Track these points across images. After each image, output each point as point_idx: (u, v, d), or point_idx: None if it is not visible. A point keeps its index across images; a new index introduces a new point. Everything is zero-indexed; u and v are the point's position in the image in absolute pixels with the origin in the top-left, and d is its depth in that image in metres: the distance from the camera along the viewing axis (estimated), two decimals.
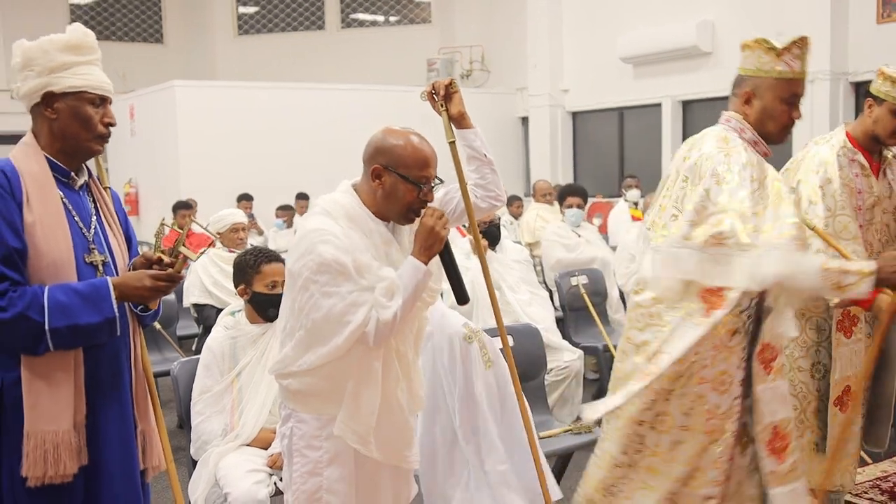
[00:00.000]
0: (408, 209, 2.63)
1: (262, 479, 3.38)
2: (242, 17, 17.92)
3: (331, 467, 2.65)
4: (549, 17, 13.46)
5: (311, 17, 17.58)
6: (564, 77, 13.59)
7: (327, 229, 2.52)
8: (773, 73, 2.89)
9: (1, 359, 2.29)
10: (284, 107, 12.17)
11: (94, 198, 2.52)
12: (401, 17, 17.35)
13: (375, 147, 2.64)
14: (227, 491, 3.31)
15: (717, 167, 2.82)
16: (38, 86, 2.36)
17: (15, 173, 2.31)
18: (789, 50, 2.88)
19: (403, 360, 2.71)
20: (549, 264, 7.06)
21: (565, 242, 7.03)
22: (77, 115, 2.38)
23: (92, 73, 2.40)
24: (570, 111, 13.65)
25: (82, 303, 2.26)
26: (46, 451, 2.25)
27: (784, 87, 2.90)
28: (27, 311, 2.19)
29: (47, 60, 2.36)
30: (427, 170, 2.63)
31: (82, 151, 2.44)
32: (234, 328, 3.71)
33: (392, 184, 2.60)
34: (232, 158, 11.96)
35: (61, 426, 2.27)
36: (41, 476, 2.25)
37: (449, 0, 16.47)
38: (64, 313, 2.22)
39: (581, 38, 13.22)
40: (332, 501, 2.65)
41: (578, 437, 4.01)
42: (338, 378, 2.62)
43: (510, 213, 10.61)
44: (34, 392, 2.26)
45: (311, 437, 2.67)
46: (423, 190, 2.61)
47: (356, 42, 16.96)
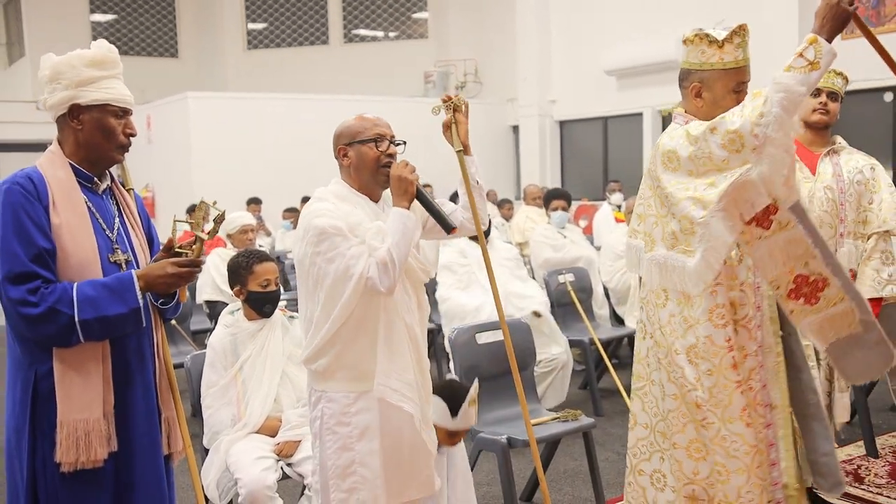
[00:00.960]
0: (376, 166, 2.74)
1: (271, 466, 3.39)
2: (252, 32, 17.89)
3: (361, 441, 2.67)
4: (538, 33, 13.48)
5: (316, 33, 17.56)
6: (552, 88, 13.60)
7: (319, 207, 2.66)
8: (718, 65, 2.82)
9: (34, 352, 2.29)
10: (290, 116, 12.18)
11: (116, 201, 2.52)
12: (399, 33, 17.34)
13: (335, 137, 2.80)
14: (238, 476, 3.32)
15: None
16: (65, 98, 2.36)
17: (42, 179, 2.32)
18: (730, 40, 2.81)
19: (412, 332, 2.72)
20: (538, 263, 7.09)
21: (552, 243, 7.06)
22: (101, 126, 2.39)
23: (115, 86, 2.41)
24: (557, 120, 13.66)
25: (109, 295, 2.26)
26: (78, 438, 2.25)
27: (731, 76, 2.83)
28: (57, 304, 2.20)
29: (74, 74, 2.36)
30: (377, 127, 2.76)
31: (105, 160, 2.45)
32: (234, 325, 3.71)
33: (356, 153, 2.73)
34: (241, 164, 11.97)
35: (92, 414, 2.28)
36: (74, 462, 2.25)
37: (444, 17, 16.47)
38: (92, 305, 2.23)
39: (568, 53, 13.24)
40: (364, 473, 2.67)
41: (566, 425, 4.01)
42: (360, 344, 2.65)
43: (501, 214, 10.63)
44: (66, 383, 2.26)
45: (340, 415, 2.68)
46: (380, 144, 2.73)
47: (358, 56, 16.95)
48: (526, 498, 4.29)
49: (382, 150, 2.73)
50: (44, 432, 2.28)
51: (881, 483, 4.28)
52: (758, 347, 2.81)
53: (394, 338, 2.66)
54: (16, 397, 2.32)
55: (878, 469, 4.48)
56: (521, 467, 4.55)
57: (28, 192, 2.27)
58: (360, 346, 2.66)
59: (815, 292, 2.74)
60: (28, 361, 2.31)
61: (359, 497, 2.67)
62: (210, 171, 11.89)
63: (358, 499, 2.68)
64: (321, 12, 17.48)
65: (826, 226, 3.76)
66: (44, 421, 2.28)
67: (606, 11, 12.48)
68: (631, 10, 12.00)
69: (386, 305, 2.65)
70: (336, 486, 2.68)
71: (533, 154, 13.68)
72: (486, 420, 4.06)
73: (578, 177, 13.40)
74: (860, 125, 9.72)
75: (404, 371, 2.66)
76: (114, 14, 17.91)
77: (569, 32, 13.18)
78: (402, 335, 2.67)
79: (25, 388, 2.30)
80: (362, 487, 2.67)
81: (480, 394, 4.12)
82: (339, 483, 2.68)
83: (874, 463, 4.57)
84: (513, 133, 14.69)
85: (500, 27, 14.75)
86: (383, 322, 2.65)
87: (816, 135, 3.82)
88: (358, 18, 17.39)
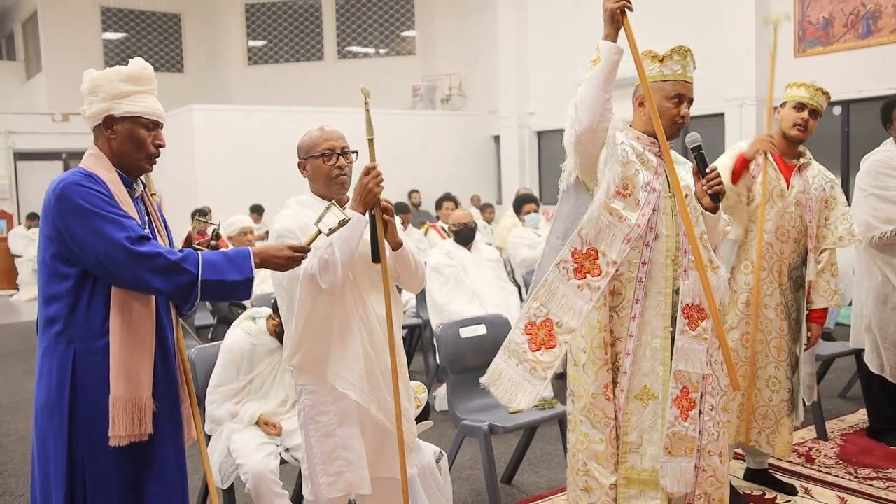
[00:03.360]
0: (329, 179, 2.74)
1: (272, 451, 3.38)
2: (252, 49, 17.83)
3: (342, 427, 2.68)
4: (518, 51, 13.49)
5: (312, 50, 17.52)
6: (531, 101, 13.60)
7: (281, 214, 2.74)
8: (658, 77, 2.89)
9: (79, 330, 2.28)
10: (289, 127, 11.95)
11: (146, 206, 2.52)
12: (389, 50, 17.31)
13: (297, 150, 2.82)
14: (241, 463, 3.30)
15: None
16: (101, 109, 2.36)
17: (99, 177, 2.31)
18: (670, 57, 2.89)
19: (370, 326, 2.71)
20: (517, 263, 7.10)
21: (528, 243, 7.08)
22: (132, 137, 2.38)
23: (147, 101, 2.41)
24: (535, 131, 13.66)
25: (228, 263, 2.31)
26: (133, 413, 2.25)
27: (668, 87, 2.86)
28: (184, 262, 2.24)
29: (111, 88, 2.35)
30: (327, 142, 2.75)
31: (135, 168, 2.44)
32: (255, 336, 3.62)
33: (311, 166, 2.76)
34: (243, 172, 11.92)
35: (144, 392, 2.28)
36: (126, 436, 2.24)
37: (431, 35, 16.47)
38: (213, 269, 2.28)
39: (545, 69, 13.25)
40: (348, 457, 2.68)
41: (542, 412, 4.02)
42: (327, 336, 2.67)
43: (483, 218, 10.64)
44: (122, 361, 2.26)
45: (320, 404, 2.69)
46: (329, 159, 2.73)
47: (351, 71, 16.92)
48: (506, 480, 4.29)
49: (332, 164, 2.73)
50: (84, 408, 2.26)
51: (830, 463, 4.32)
52: (628, 336, 2.78)
53: (347, 332, 2.67)
54: (52, 377, 2.29)
55: (827, 451, 4.51)
56: (501, 452, 4.55)
57: (96, 184, 2.28)
58: (326, 342, 2.67)
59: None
60: (67, 339, 2.28)
61: (346, 479, 2.67)
62: (213, 178, 11.85)
63: (345, 481, 2.67)
64: (317, 30, 17.44)
65: (791, 240, 3.70)
66: (82, 398, 2.27)
67: (580, 30, 12.51)
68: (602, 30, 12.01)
69: (343, 303, 2.66)
70: (324, 471, 2.67)
71: (513, 162, 13.69)
72: (470, 408, 4.07)
73: (555, 182, 13.24)
74: (810, 137, 9.79)
75: (355, 362, 2.67)
76: (125, 32, 17.81)
77: (546, 50, 13.21)
78: (357, 330, 2.67)
79: (63, 368, 2.27)
80: (347, 470, 2.67)
81: (464, 384, 4.13)
82: (326, 468, 2.67)
83: (824, 445, 4.60)
84: (494, 142, 14.68)
85: (482, 45, 14.76)
86: (339, 318, 2.66)
87: (790, 147, 3.79)
88: (351, 36, 17.35)
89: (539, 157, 13.75)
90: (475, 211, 10.92)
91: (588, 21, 12.32)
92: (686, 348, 2.73)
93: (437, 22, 16.23)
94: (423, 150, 13.39)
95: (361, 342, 2.70)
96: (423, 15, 16.70)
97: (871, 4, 8.94)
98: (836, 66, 9.16)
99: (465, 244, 5.77)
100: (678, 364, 2.72)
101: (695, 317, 2.73)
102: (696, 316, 2.74)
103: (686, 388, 2.73)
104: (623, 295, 2.77)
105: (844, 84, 8.78)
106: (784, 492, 3.92)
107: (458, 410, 4.05)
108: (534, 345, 2.72)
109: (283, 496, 3.28)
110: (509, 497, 4.09)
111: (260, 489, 3.23)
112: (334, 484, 2.67)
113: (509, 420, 3.93)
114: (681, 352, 2.72)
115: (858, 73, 8.94)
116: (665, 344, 2.74)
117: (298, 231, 2.60)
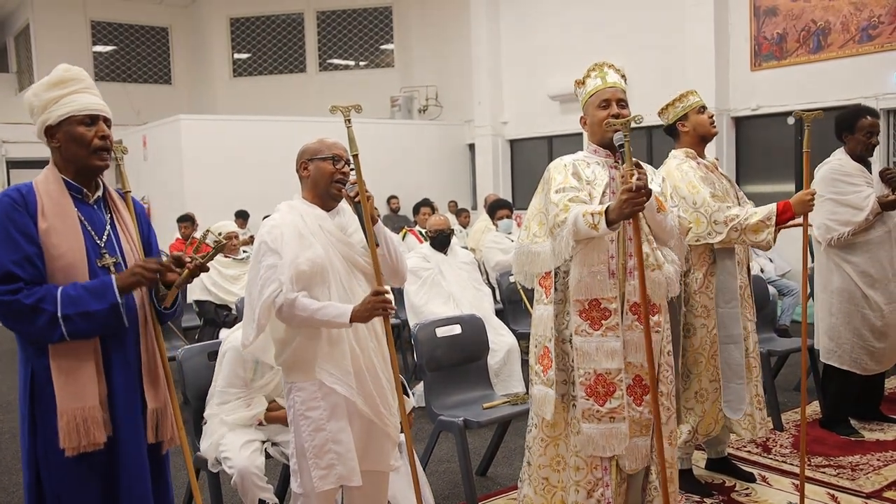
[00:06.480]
0: (330, 181, 2.81)
1: (257, 448, 3.36)
2: (237, 62, 17.70)
3: (331, 421, 2.68)
4: (491, 63, 13.51)
5: (294, 62, 17.43)
6: (504, 111, 13.63)
7: (269, 219, 2.78)
8: (584, 96, 3.06)
9: (29, 349, 2.26)
10: (273, 136, 12.04)
11: (110, 210, 2.43)
12: (368, 62, 17.27)
13: (298, 154, 2.91)
14: (227, 457, 3.28)
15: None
16: (40, 124, 2.32)
17: (31, 191, 2.26)
18: (588, 75, 3.05)
19: (357, 327, 2.71)
20: (490, 266, 7.11)
21: (501, 247, 7.09)
22: (73, 137, 2.30)
23: (78, 99, 2.31)
24: (508, 139, 13.68)
25: (89, 294, 2.19)
26: (78, 424, 2.20)
27: (595, 98, 3.00)
28: (40, 303, 2.14)
29: (40, 101, 2.31)
30: (335, 148, 2.86)
31: (89, 168, 2.34)
32: None
33: (315, 167, 2.83)
34: (229, 179, 11.83)
35: (88, 403, 2.22)
36: (77, 446, 2.20)
37: (408, 48, 16.45)
38: (73, 303, 2.17)
39: (517, 80, 13.28)
40: (339, 450, 2.68)
41: (515, 408, 4.03)
42: (314, 334, 2.68)
43: (459, 222, 10.65)
44: (62, 375, 2.20)
45: (310, 400, 2.69)
46: (337, 163, 2.82)
47: (332, 83, 16.86)
48: (481, 472, 4.30)
49: (338, 168, 2.81)
50: (44, 421, 2.24)
51: (786, 453, 4.36)
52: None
53: (334, 332, 2.70)
54: (23, 389, 2.28)
55: (783, 441, 4.56)
56: (476, 446, 4.56)
57: (16, 202, 2.21)
58: (314, 341, 2.68)
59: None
60: (26, 357, 2.27)
61: (337, 471, 2.67)
62: (200, 185, 11.75)
63: (336, 473, 2.67)
64: (299, 44, 17.36)
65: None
66: (43, 410, 2.23)
67: (550, 44, 12.57)
68: (572, 43, 12.08)
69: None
70: (315, 464, 2.67)
71: (487, 169, 13.70)
72: (446, 404, 4.07)
73: (527, 189, 13.41)
74: (765, 147, 9.90)
75: (342, 359, 2.69)
76: (114, 45, 17.62)
77: (518, 62, 13.25)
78: (343, 329, 2.68)
79: (26, 381, 2.26)
80: (338, 463, 2.66)
81: (441, 381, 4.13)
82: (317, 461, 2.67)
83: (780, 436, 4.65)
84: (469, 151, 14.68)
85: (457, 57, 14.77)
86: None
87: (702, 147, 3.83)
88: (332, 49, 17.29)
89: (512, 164, 13.78)
90: (451, 216, 10.92)
91: (558, 36, 12.41)
92: (635, 341, 2.84)
93: (415, 36, 16.22)
94: (401, 158, 13.36)
95: (348, 340, 2.72)
96: (401, 29, 16.69)
97: (821, 21, 9.06)
98: (790, 78, 9.27)
99: (441, 248, 5.78)
100: (628, 356, 2.84)
101: (643, 312, 2.74)
102: (646, 311, 2.75)
103: (639, 377, 2.85)
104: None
105: (798, 96, 8.89)
106: (743, 479, 3.95)
107: (434, 406, 4.05)
108: (601, 400, 2.83)
109: (268, 490, 3.26)
110: (484, 489, 4.10)
111: (245, 484, 3.21)
112: (326, 476, 2.66)
113: (483, 415, 3.93)
114: (630, 345, 2.84)
115: (810, 86, 9.06)
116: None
117: (280, 241, 2.66)
